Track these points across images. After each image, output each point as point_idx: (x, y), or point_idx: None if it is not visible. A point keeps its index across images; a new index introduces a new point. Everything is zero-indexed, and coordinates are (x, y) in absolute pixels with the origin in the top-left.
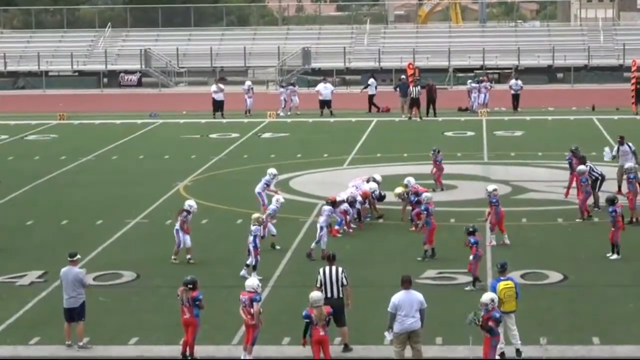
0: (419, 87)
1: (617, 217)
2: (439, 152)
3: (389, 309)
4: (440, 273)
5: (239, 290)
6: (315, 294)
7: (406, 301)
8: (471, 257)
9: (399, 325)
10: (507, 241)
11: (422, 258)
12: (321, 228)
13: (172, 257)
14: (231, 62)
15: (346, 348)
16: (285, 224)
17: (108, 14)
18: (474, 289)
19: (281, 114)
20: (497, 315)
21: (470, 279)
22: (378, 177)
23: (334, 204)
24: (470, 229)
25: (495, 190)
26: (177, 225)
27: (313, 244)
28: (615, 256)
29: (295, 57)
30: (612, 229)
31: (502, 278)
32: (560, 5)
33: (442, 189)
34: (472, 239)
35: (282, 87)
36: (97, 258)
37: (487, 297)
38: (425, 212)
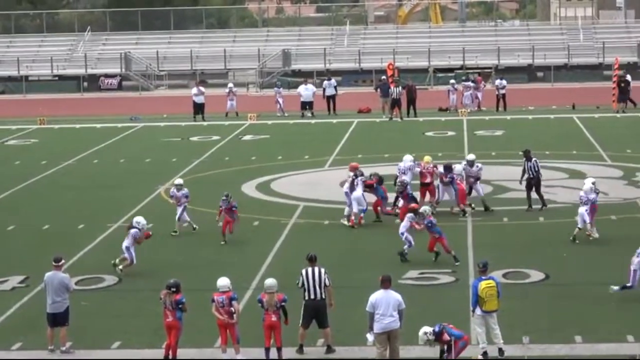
0: (399, 87)
1: None
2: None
3: (367, 309)
4: (422, 274)
5: None
6: (269, 280)
7: (384, 300)
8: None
9: (378, 324)
10: (596, 235)
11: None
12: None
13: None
14: (211, 65)
15: (329, 349)
16: (267, 226)
17: (88, 17)
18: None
19: (285, 114)
20: (451, 333)
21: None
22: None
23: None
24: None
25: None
26: (127, 243)
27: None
28: None
29: (275, 59)
30: None
31: (483, 277)
32: (540, 4)
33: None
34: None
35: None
36: (78, 262)
37: (421, 333)
38: (430, 225)
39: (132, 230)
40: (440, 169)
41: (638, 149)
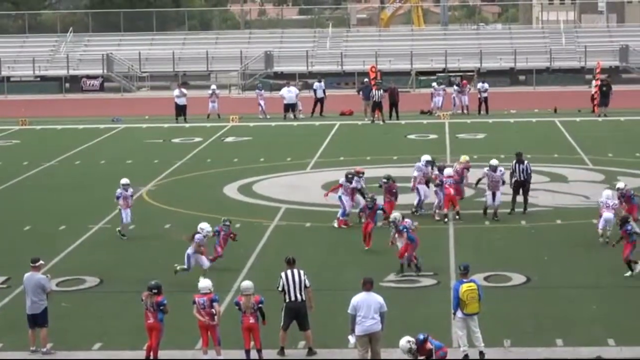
0: (381, 90)
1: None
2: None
3: (348, 311)
4: (404, 276)
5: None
6: (246, 283)
7: (365, 302)
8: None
9: (359, 327)
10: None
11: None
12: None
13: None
14: (194, 67)
15: (310, 352)
16: (248, 228)
17: (70, 18)
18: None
19: (267, 117)
20: (433, 344)
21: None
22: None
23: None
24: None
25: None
26: (191, 250)
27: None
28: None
29: (257, 61)
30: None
31: (464, 280)
32: (522, 8)
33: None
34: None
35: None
36: (60, 263)
37: (404, 342)
38: (405, 231)
39: (197, 236)
40: (449, 170)
41: (619, 153)
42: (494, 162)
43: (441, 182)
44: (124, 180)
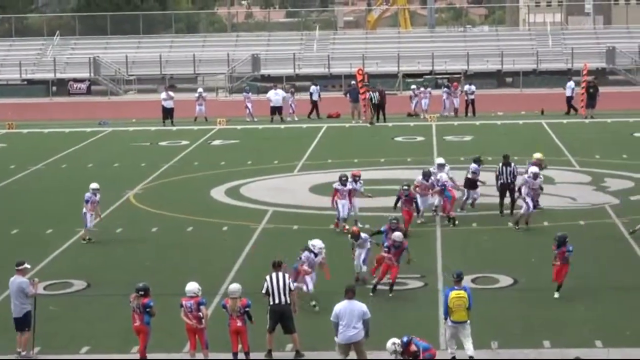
0: (377, 92)
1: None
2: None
3: (331, 318)
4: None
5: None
6: (233, 286)
7: (347, 311)
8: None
9: (341, 335)
10: None
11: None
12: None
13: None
14: (180, 70)
15: (298, 354)
16: (236, 231)
17: (57, 22)
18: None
19: (255, 119)
20: (418, 344)
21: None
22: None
23: None
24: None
25: None
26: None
27: None
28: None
29: (244, 63)
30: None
31: (456, 287)
32: (509, 10)
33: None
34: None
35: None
36: (47, 267)
37: (389, 344)
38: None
39: (305, 255)
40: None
41: (606, 155)
42: (534, 169)
43: (443, 187)
44: (94, 185)
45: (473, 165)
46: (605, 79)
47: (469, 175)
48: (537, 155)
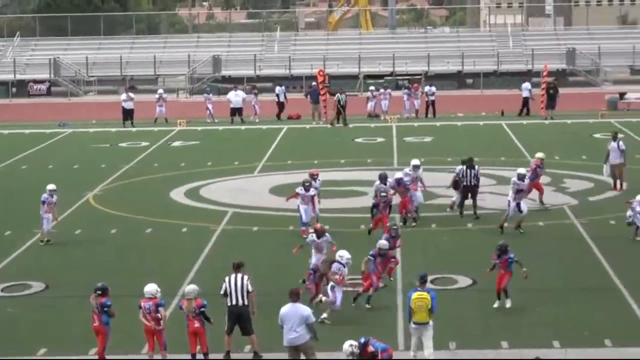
0: (344, 94)
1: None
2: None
3: (278, 321)
4: (351, 279)
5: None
6: (189, 287)
7: (290, 314)
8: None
9: (285, 338)
10: None
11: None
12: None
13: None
14: (141, 71)
15: (256, 355)
16: (195, 232)
17: (17, 23)
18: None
19: (215, 120)
20: (375, 345)
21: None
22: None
23: None
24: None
25: None
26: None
27: None
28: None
29: (205, 64)
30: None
31: (419, 289)
32: (470, 12)
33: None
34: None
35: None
36: (5, 269)
37: (346, 346)
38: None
39: (335, 266)
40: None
41: (566, 156)
42: (521, 170)
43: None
44: (51, 186)
45: (459, 167)
46: (565, 80)
47: (456, 177)
48: (539, 155)
